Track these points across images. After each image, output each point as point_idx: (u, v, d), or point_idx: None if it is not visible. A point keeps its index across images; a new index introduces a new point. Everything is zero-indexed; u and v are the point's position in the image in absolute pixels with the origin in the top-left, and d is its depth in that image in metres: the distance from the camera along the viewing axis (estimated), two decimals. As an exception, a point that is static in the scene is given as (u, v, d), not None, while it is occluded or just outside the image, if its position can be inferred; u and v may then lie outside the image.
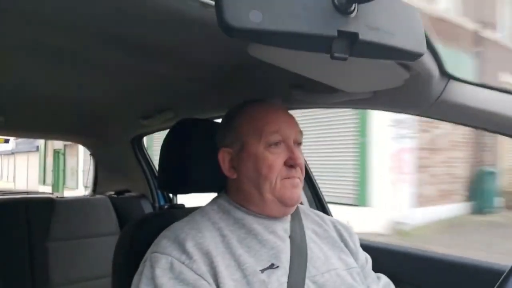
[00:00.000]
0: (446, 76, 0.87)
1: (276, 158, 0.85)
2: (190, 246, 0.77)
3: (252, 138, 0.86)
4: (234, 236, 0.83)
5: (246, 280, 0.76)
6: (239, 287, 0.75)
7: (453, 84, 0.89)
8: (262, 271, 0.78)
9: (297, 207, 0.96)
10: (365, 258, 1.00)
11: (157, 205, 2.18)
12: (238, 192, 0.90)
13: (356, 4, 0.52)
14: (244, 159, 0.87)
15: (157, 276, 0.74)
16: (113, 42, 0.84)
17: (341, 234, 0.98)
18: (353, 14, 0.52)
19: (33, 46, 0.90)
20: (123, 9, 0.66)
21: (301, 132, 0.91)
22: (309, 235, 0.92)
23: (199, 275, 0.75)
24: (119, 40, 0.82)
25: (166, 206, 1.23)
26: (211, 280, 0.75)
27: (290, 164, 0.85)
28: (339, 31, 0.51)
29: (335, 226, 1.00)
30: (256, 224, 0.86)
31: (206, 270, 0.75)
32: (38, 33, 0.79)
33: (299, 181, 0.88)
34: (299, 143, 0.90)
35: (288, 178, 0.86)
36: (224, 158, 0.90)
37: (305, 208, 1.04)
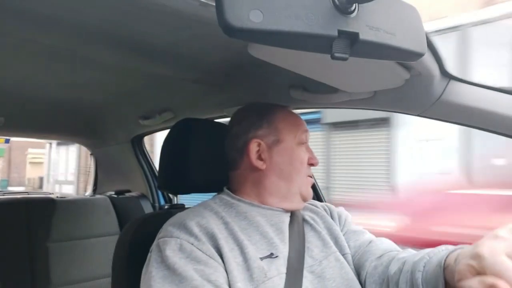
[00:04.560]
0: (447, 76, 0.87)
1: (305, 156, 0.95)
2: (196, 230, 0.79)
3: (289, 134, 0.94)
4: (236, 224, 0.84)
5: (247, 264, 0.78)
6: (240, 270, 0.77)
7: (454, 84, 0.89)
8: (262, 259, 0.80)
9: None
10: (356, 231, 1.00)
11: (157, 205, 2.18)
12: (255, 185, 0.92)
13: (357, 4, 0.52)
14: (279, 152, 0.92)
15: (167, 257, 0.74)
16: (113, 42, 0.84)
17: (333, 216, 1.02)
18: (354, 14, 0.52)
19: (32, 46, 0.90)
20: (122, 9, 0.66)
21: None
22: (308, 223, 0.96)
23: (209, 256, 0.76)
24: (119, 40, 0.82)
25: (166, 206, 1.23)
26: (220, 261, 0.76)
27: (312, 162, 0.96)
28: (339, 31, 0.51)
29: (329, 208, 1.05)
30: (259, 216, 0.88)
31: (214, 251, 0.77)
32: (38, 33, 0.79)
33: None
34: None
35: (309, 176, 0.96)
36: (253, 148, 0.92)
37: None
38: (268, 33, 0.48)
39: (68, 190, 13.13)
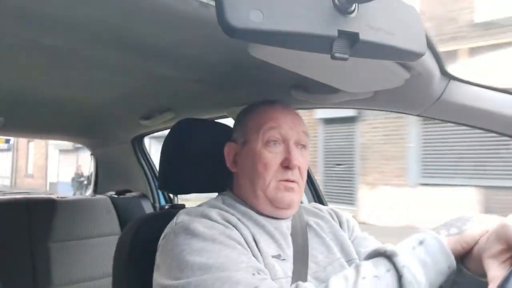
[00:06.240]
0: (447, 76, 0.87)
1: (273, 158, 0.84)
2: (219, 218, 0.78)
3: (253, 134, 0.87)
4: (245, 221, 0.83)
5: (260, 259, 0.77)
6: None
7: (454, 84, 0.89)
8: (273, 257, 0.80)
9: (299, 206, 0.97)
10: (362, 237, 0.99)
11: (157, 205, 2.18)
12: (238, 187, 0.91)
13: (357, 4, 0.52)
14: (245, 155, 0.89)
15: (201, 232, 0.73)
16: (113, 42, 0.84)
17: (341, 222, 1.00)
18: (354, 14, 0.52)
19: (33, 46, 0.90)
20: (123, 9, 0.66)
21: (305, 134, 0.90)
22: (312, 228, 0.93)
23: (238, 239, 0.76)
24: (119, 40, 0.82)
25: (166, 206, 1.23)
26: (246, 246, 0.76)
27: (286, 165, 0.84)
28: (339, 31, 0.51)
29: (336, 214, 1.02)
30: (260, 218, 0.86)
31: (240, 236, 0.77)
32: (38, 33, 0.79)
33: (296, 186, 0.86)
34: (302, 145, 0.89)
35: (284, 180, 0.84)
36: (229, 151, 0.93)
37: (305, 205, 1.05)
38: (268, 33, 0.48)
39: (6, 182, 19.63)
